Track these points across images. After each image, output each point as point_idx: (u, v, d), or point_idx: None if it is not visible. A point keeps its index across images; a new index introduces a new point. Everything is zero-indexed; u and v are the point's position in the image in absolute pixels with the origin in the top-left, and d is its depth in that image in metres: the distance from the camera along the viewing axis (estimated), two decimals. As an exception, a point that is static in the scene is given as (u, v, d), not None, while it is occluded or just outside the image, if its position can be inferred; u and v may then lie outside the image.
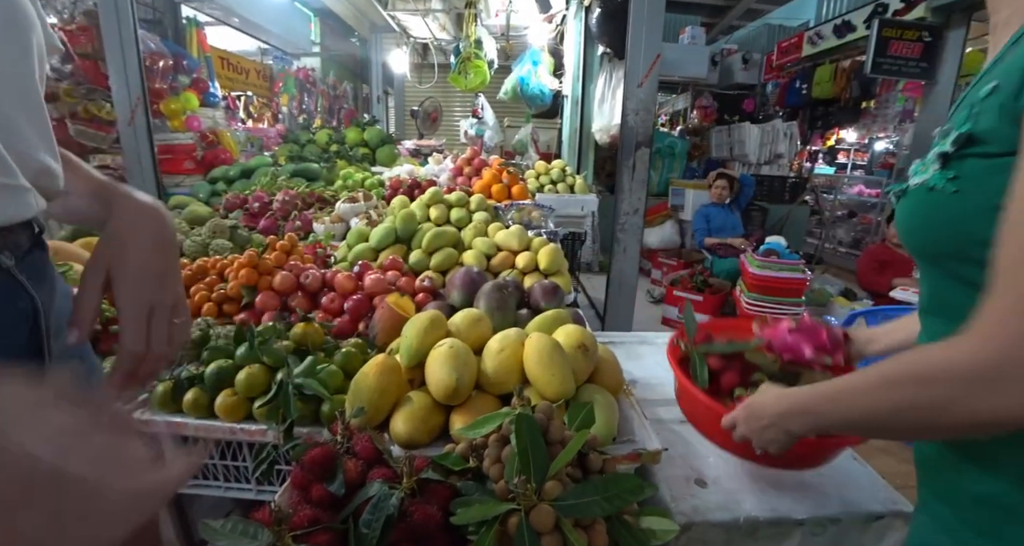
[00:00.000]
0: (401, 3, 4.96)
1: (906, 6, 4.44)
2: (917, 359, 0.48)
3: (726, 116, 6.91)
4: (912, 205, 0.55)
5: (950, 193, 0.49)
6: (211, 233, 1.76)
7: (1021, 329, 0.41)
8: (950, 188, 0.49)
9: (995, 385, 0.41)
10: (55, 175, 0.60)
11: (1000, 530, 0.50)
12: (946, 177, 0.50)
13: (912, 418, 0.48)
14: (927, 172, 0.52)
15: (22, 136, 0.55)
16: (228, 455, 1.05)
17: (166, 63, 3.21)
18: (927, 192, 0.52)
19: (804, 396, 0.61)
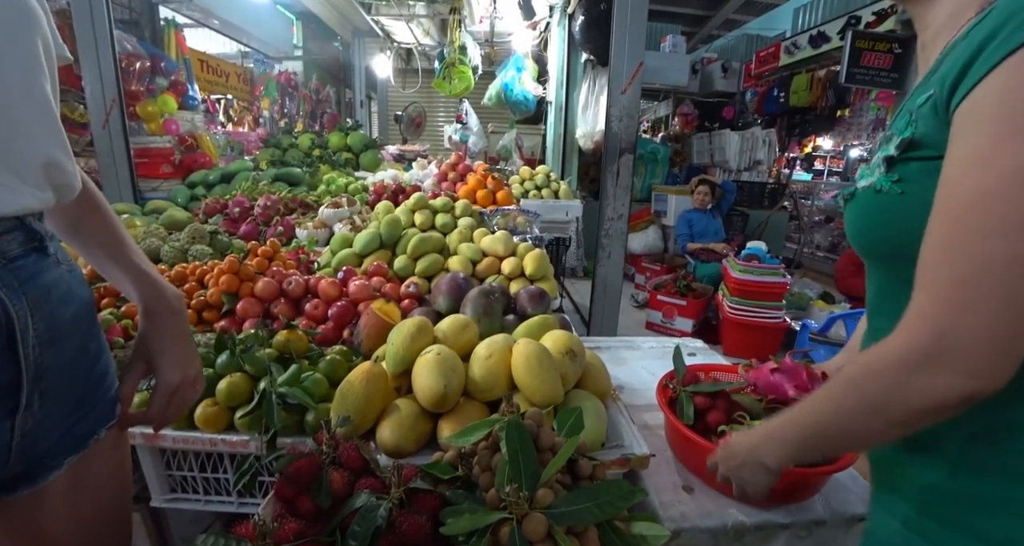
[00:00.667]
0: (385, 8, 4.94)
1: (877, 18, 4.59)
2: (861, 360, 0.52)
3: (707, 123, 7.03)
4: (860, 207, 0.58)
5: (896, 195, 0.52)
6: (190, 238, 1.72)
7: (942, 319, 0.44)
8: (896, 190, 0.52)
9: (923, 371, 0.45)
10: (66, 170, 0.61)
11: (963, 518, 0.51)
12: (891, 179, 0.52)
13: (865, 418, 0.50)
14: (873, 175, 0.55)
15: (22, 128, 0.56)
16: (208, 467, 1.02)
17: (143, 65, 3.14)
18: (874, 194, 0.54)
19: (769, 425, 0.64)
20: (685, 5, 8.12)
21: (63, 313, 0.62)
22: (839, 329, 3.01)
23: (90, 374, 0.68)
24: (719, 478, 0.75)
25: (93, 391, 0.69)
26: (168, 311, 0.74)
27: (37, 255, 0.61)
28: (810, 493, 0.90)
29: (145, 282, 0.74)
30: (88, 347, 0.68)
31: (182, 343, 0.75)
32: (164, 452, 1.02)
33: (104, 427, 0.70)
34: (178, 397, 0.75)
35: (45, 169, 0.59)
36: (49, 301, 0.60)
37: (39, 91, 0.58)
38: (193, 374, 0.76)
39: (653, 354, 1.52)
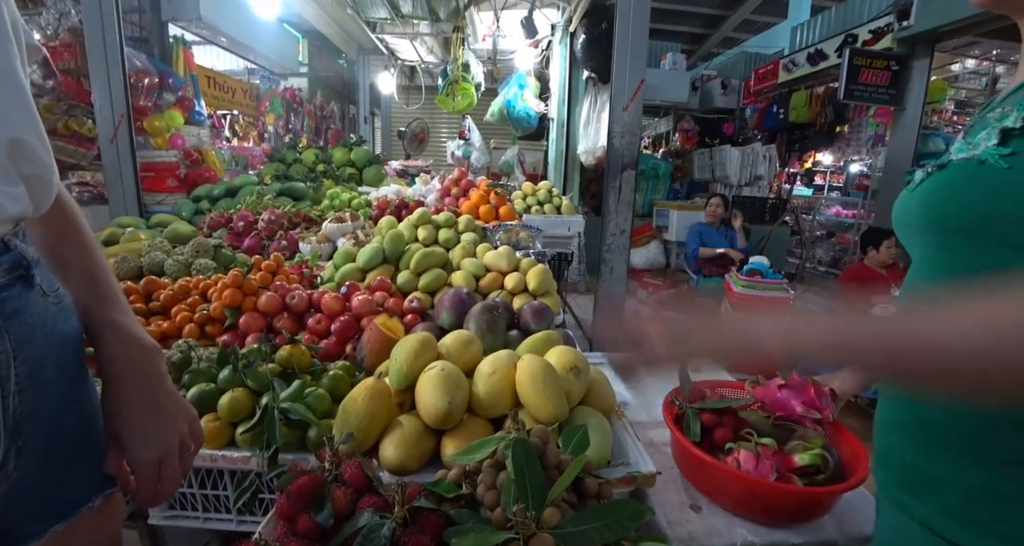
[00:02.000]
0: (389, 26, 5.04)
1: (874, 37, 4.66)
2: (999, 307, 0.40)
3: (707, 139, 7.10)
4: (952, 177, 0.55)
5: (1002, 169, 0.49)
6: (194, 252, 1.72)
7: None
8: (1003, 164, 0.50)
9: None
10: (38, 158, 0.52)
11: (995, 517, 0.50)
12: (1000, 152, 0.50)
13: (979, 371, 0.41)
14: (976, 148, 0.53)
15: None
16: (208, 484, 1.01)
17: (151, 81, 3.19)
18: (976, 165, 0.52)
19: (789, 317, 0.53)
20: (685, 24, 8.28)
21: (47, 355, 0.53)
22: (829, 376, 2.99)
23: (79, 427, 0.58)
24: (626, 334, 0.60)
25: (84, 447, 0.59)
26: (132, 374, 0.60)
27: (22, 286, 0.52)
28: (821, 512, 0.88)
29: (113, 333, 0.61)
30: (75, 395, 0.58)
31: (154, 412, 0.61)
32: (163, 468, 1.01)
33: (100, 494, 0.60)
34: (168, 468, 0.61)
35: (11, 152, 0.49)
36: (33, 340, 0.52)
37: (7, 62, 0.49)
38: (174, 446, 0.62)
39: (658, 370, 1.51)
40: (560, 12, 4.63)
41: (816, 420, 0.93)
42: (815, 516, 0.88)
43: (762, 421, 0.98)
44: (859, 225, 6.04)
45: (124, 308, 0.63)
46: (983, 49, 6.34)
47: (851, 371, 0.97)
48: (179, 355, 1.16)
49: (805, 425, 0.95)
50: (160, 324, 1.34)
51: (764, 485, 0.83)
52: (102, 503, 0.60)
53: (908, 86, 4.47)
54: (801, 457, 0.86)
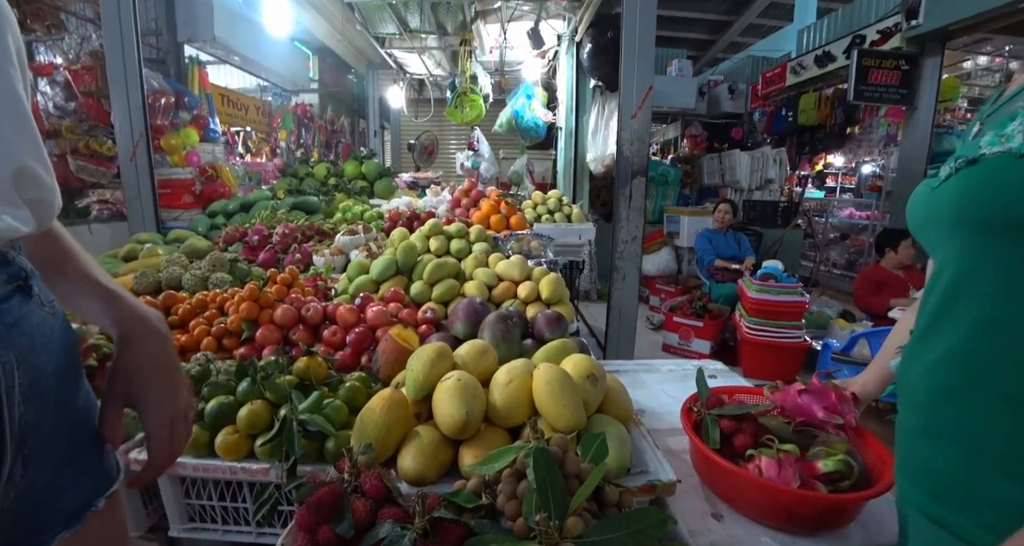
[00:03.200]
0: (398, 41, 5.12)
1: (882, 37, 4.63)
2: None
3: (716, 144, 7.08)
4: (987, 172, 0.53)
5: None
6: (211, 266, 1.75)
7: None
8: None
9: None
10: (42, 182, 0.52)
11: None
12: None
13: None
14: (1012, 140, 0.51)
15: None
16: (228, 496, 1.02)
17: (168, 100, 3.28)
18: (1015, 159, 0.50)
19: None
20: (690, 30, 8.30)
21: (47, 364, 0.54)
22: (862, 348, 2.94)
23: (78, 434, 0.59)
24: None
25: (84, 454, 0.59)
26: (151, 334, 0.63)
27: (21, 296, 0.53)
28: (847, 520, 0.86)
29: (116, 302, 0.62)
30: (74, 402, 0.59)
31: (170, 372, 0.64)
32: (184, 480, 1.02)
33: (102, 496, 0.60)
34: (178, 430, 0.64)
35: (16, 180, 0.50)
36: (34, 350, 0.52)
37: (9, 89, 0.50)
38: (183, 404, 0.65)
39: (673, 377, 1.50)
40: (566, 23, 4.68)
41: (838, 425, 0.92)
42: (841, 524, 0.86)
43: (783, 427, 0.96)
44: (874, 226, 5.96)
45: (123, 288, 0.66)
46: (995, 45, 6.26)
47: (872, 373, 0.95)
48: (198, 368, 1.17)
49: (827, 431, 0.93)
50: (179, 338, 1.36)
51: (788, 492, 0.81)
52: (105, 506, 0.61)
53: (919, 85, 4.43)
54: (825, 463, 0.85)
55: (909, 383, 0.65)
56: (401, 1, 4.14)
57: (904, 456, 0.64)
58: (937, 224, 0.60)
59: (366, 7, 4.37)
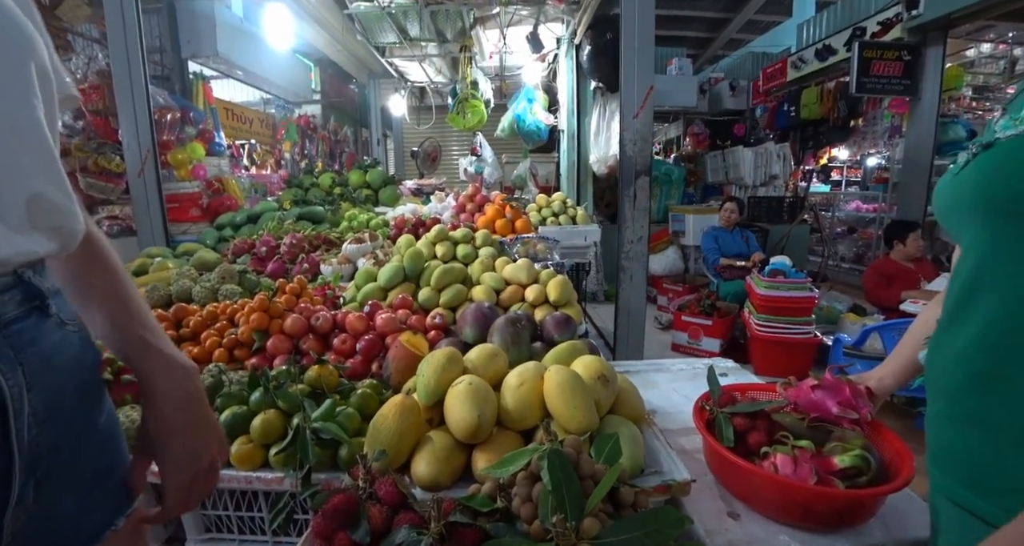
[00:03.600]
0: (398, 50, 5.16)
1: (883, 28, 4.61)
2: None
3: (718, 141, 7.06)
4: (1002, 156, 0.52)
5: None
6: (220, 278, 1.77)
7: None
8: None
9: None
10: (59, 208, 0.52)
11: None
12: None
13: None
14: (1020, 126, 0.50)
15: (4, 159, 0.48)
16: (243, 506, 1.02)
17: (174, 116, 3.32)
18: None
19: None
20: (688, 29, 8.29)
21: (66, 384, 0.53)
22: (874, 342, 2.90)
23: (100, 454, 0.58)
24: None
25: (105, 474, 0.59)
26: (173, 393, 0.61)
27: (37, 316, 0.52)
28: (866, 516, 0.85)
29: (145, 351, 0.61)
30: (96, 421, 0.58)
31: (193, 434, 0.62)
32: (200, 492, 1.02)
33: (122, 515, 0.60)
34: (198, 488, 0.63)
35: (29, 207, 0.50)
36: (50, 371, 0.52)
37: (28, 117, 0.50)
38: (206, 466, 0.63)
39: (684, 376, 1.49)
40: (565, 26, 4.69)
41: (853, 420, 0.90)
42: (860, 520, 0.85)
43: (797, 423, 0.95)
44: (881, 219, 5.91)
45: (159, 332, 0.64)
46: (998, 32, 6.20)
47: (890, 367, 0.94)
48: (210, 379, 1.18)
49: (842, 426, 0.92)
50: (190, 350, 1.37)
51: (804, 489, 0.80)
52: (125, 525, 0.60)
53: (922, 75, 4.39)
54: (841, 459, 0.84)
55: (937, 370, 0.64)
56: (400, 10, 4.17)
57: (933, 445, 0.63)
58: (959, 210, 0.59)
59: (366, 17, 4.41)
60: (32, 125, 0.51)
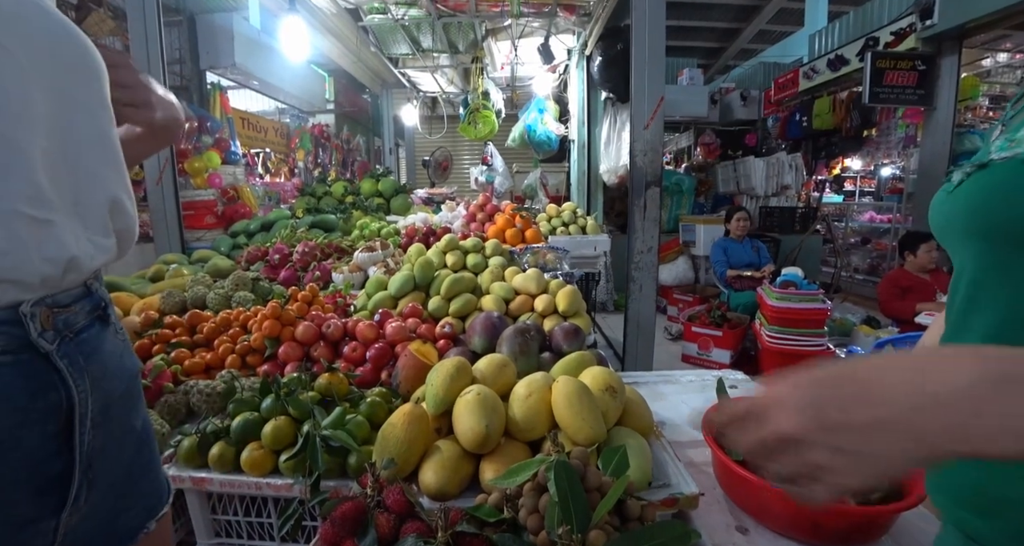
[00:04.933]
0: (411, 61, 5.23)
1: (896, 38, 4.59)
2: None
3: (730, 151, 7.04)
4: (995, 178, 0.50)
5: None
6: (234, 286, 1.80)
7: None
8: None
9: None
10: (128, 212, 0.59)
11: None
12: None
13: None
14: (1021, 145, 0.48)
15: (89, 171, 0.54)
16: (253, 511, 1.03)
17: (191, 125, 3.39)
18: (1020, 165, 0.47)
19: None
20: (699, 39, 8.33)
21: (115, 389, 0.57)
22: (889, 355, 2.86)
23: (136, 457, 0.62)
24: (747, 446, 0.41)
25: (141, 476, 0.62)
26: None
27: (100, 325, 0.57)
28: (878, 533, 0.84)
29: None
30: (134, 426, 0.61)
31: None
32: (210, 496, 1.04)
33: (154, 519, 0.64)
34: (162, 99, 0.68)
35: (110, 211, 0.56)
36: (106, 377, 0.56)
37: (108, 132, 0.57)
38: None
39: (693, 388, 1.48)
40: (576, 37, 4.74)
41: None
42: (872, 538, 0.84)
43: None
44: (896, 230, 5.84)
45: None
46: (1015, 42, 6.13)
47: None
48: (223, 385, 1.20)
49: None
50: (204, 355, 1.39)
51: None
52: (156, 528, 0.63)
53: (937, 85, 4.36)
54: (852, 475, 0.83)
55: None
56: (413, 22, 4.24)
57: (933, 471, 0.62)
58: (952, 230, 0.58)
59: (379, 29, 4.49)
60: (111, 139, 0.57)
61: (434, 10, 3.84)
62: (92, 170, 0.55)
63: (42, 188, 0.48)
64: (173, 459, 1.03)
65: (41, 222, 0.48)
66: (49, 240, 0.49)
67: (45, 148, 0.49)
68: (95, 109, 0.56)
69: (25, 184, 0.46)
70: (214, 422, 1.05)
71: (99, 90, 0.57)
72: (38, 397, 0.48)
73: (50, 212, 0.49)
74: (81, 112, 0.54)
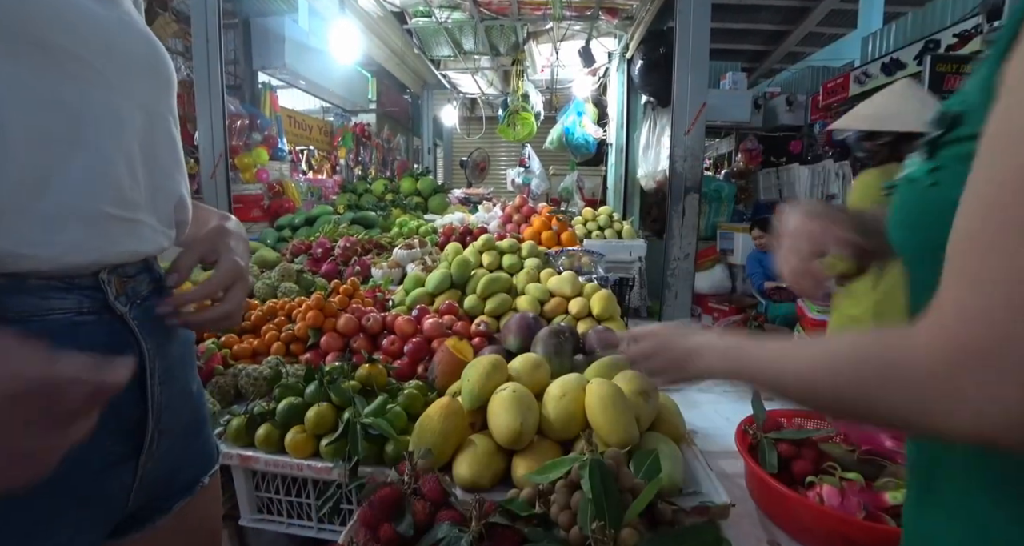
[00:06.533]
0: (452, 63, 5.32)
1: (960, 41, 4.35)
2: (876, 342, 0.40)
3: (772, 158, 6.83)
4: (897, 200, 0.49)
5: (927, 186, 0.43)
6: (280, 276, 1.88)
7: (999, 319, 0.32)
8: (927, 181, 0.43)
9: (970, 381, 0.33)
10: (187, 207, 0.66)
11: None
12: (926, 168, 0.43)
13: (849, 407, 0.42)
14: (914, 164, 0.46)
15: (166, 172, 0.61)
16: (293, 491, 1.09)
17: (243, 123, 3.55)
18: (908, 185, 0.46)
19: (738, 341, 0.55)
20: (744, 42, 8.12)
21: (175, 352, 0.64)
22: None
23: (193, 417, 0.69)
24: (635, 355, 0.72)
25: (196, 435, 0.69)
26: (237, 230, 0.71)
27: (159, 295, 0.63)
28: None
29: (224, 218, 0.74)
30: (190, 389, 0.68)
31: (244, 249, 0.69)
32: (255, 474, 1.09)
33: (207, 474, 0.71)
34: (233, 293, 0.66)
35: (176, 207, 0.63)
36: (168, 341, 0.62)
37: (176, 138, 0.64)
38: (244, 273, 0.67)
39: (727, 398, 1.46)
40: (617, 40, 4.71)
41: None
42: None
43: (846, 455, 0.92)
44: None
45: None
46: None
47: None
48: (270, 370, 1.27)
49: (896, 461, 0.89)
50: (251, 341, 1.46)
51: (854, 524, 0.78)
52: (210, 483, 0.71)
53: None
54: (894, 495, 0.81)
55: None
56: (456, 25, 4.31)
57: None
58: None
59: (423, 31, 4.58)
60: (177, 142, 0.64)
61: (477, 13, 3.89)
62: (168, 172, 0.61)
63: (126, 190, 0.54)
64: (223, 437, 1.10)
65: (126, 220, 0.55)
66: (131, 235, 0.56)
67: (133, 154, 0.55)
68: (169, 116, 0.63)
69: (111, 189, 0.53)
70: (261, 405, 1.10)
71: (171, 97, 0.63)
72: (118, 351, 0.53)
73: (135, 212, 0.56)
74: (160, 120, 0.60)
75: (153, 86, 0.60)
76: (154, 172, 0.59)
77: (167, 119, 0.62)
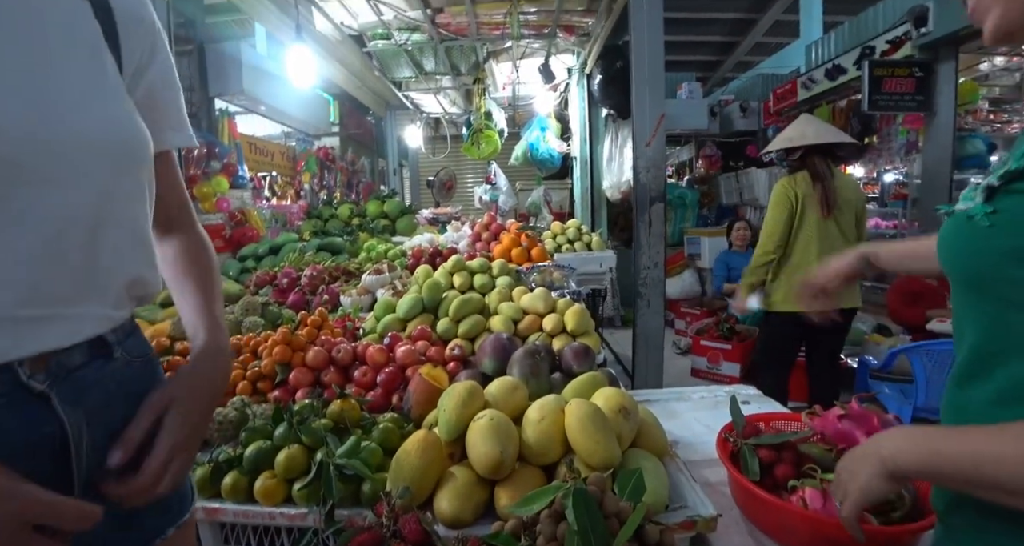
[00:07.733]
0: (414, 84, 5.33)
1: (892, 46, 4.63)
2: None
3: (731, 163, 7.06)
4: (951, 229, 0.56)
5: (984, 227, 0.50)
6: (244, 311, 1.81)
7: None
8: (985, 222, 0.50)
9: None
10: (148, 283, 0.63)
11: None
12: (985, 210, 0.51)
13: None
14: (973, 200, 0.54)
15: (117, 251, 0.58)
16: (266, 541, 1.03)
17: (200, 152, 3.46)
18: (966, 220, 0.53)
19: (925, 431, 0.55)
20: (697, 53, 8.43)
21: (128, 410, 0.59)
22: (903, 363, 2.82)
23: None
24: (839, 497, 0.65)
25: None
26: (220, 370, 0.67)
27: (101, 361, 0.59)
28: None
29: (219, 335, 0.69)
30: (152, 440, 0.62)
31: (208, 404, 0.65)
32: (223, 526, 1.03)
33: (172, 525, 0.66)
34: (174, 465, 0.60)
35: (129, 288, 0.60)
36: (110, 406, 0.58)
37: (138, 214, 0.61)
38: (195, 442, 0.63)
39: (705, 404, 1.47)
40: (575, 56, 4.82)
41: None
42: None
43: (824, 455, 0.93)
44: (902, 235, 5.80)
45: (225, 335, 0.71)
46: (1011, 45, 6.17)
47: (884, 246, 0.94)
48: (235, 413, 1.20)
49: None
50: (216, 383, 1.39)
51: (836, 525, 0.78)
52: (175, 534, 0.66)
53: (936, 91, 4.38)
54: (873, 493, 0.82)
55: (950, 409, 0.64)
56: (416, 46, 4.33)
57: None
58: None
59: (383, 54, 4.59)
60: (139, 219, 0.62)
61: (436, 34, 3.92)
62: (119, 252, 0.59)
63: (40, 286, 0.52)
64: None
65: (39, 319, 0.52)
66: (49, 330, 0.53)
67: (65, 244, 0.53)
68: (131, 195, 0.60)
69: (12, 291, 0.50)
70: (227, 451, 1.05)
71: (137, 174, 0.61)
72: (31, 434, 0.52)
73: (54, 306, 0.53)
74: (117, 201, 0.58)
75: (109, 168, 0.57)
76: (99, 255, 0.56)
77: (128, 198, 0.60)
